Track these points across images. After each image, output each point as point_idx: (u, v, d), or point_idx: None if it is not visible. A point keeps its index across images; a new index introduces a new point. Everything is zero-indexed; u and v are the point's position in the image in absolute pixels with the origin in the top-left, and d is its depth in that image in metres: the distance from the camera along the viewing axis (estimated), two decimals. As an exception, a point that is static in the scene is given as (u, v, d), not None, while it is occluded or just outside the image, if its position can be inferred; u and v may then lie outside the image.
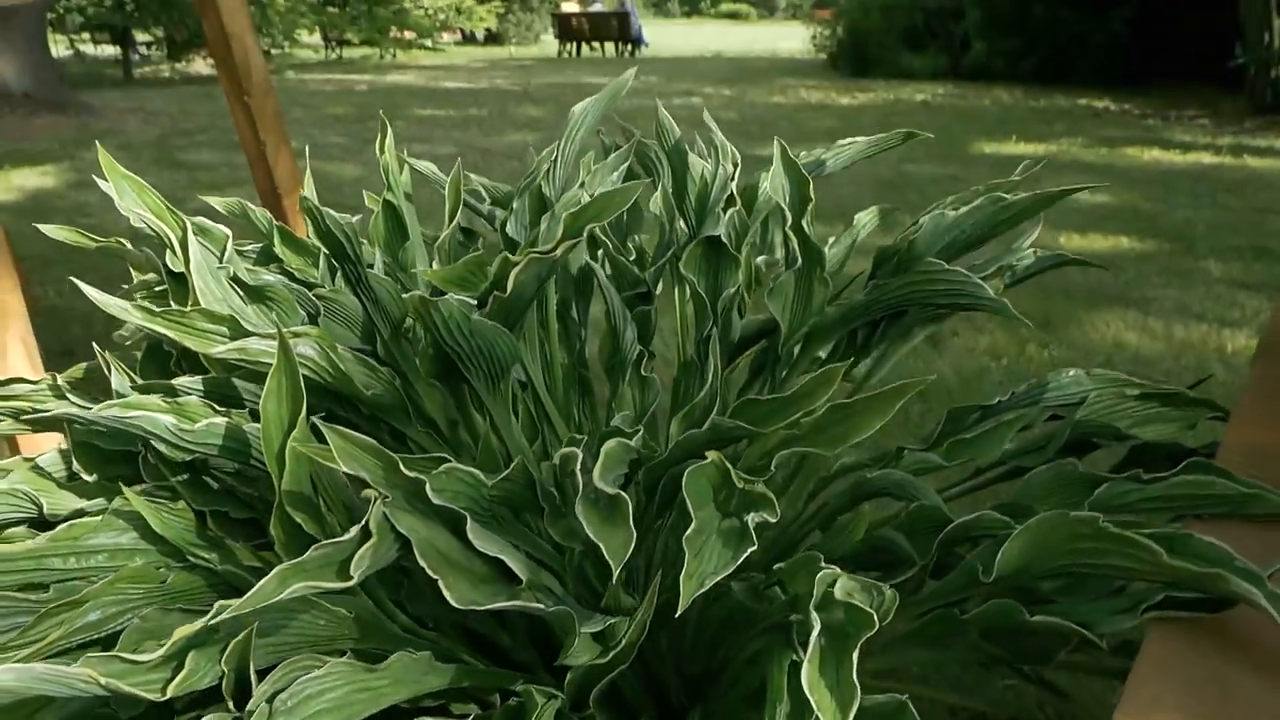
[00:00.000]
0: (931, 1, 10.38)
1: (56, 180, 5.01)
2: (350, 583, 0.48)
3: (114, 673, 0.50)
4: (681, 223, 0.91)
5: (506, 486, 0.59)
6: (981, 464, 0.81)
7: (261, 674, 0.53)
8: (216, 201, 0.93)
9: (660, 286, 1.03)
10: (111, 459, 0.75)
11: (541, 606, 0.54)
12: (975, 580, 0.65)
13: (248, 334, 0.65)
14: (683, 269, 0.83)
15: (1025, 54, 9.41)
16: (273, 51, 12.55)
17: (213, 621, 0.47)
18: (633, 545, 0.50)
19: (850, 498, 0.82)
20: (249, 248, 0.92)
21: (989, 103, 8.25)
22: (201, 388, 0.70)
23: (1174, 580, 0.56)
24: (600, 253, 0.99)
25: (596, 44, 15.89)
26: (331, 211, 0.67)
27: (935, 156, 5.51)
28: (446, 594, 0.53)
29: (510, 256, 0.64)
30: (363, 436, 0.52)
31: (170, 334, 0.64)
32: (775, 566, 0.58)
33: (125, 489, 0.65)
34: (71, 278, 0.66)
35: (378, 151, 0.91)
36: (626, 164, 1.05)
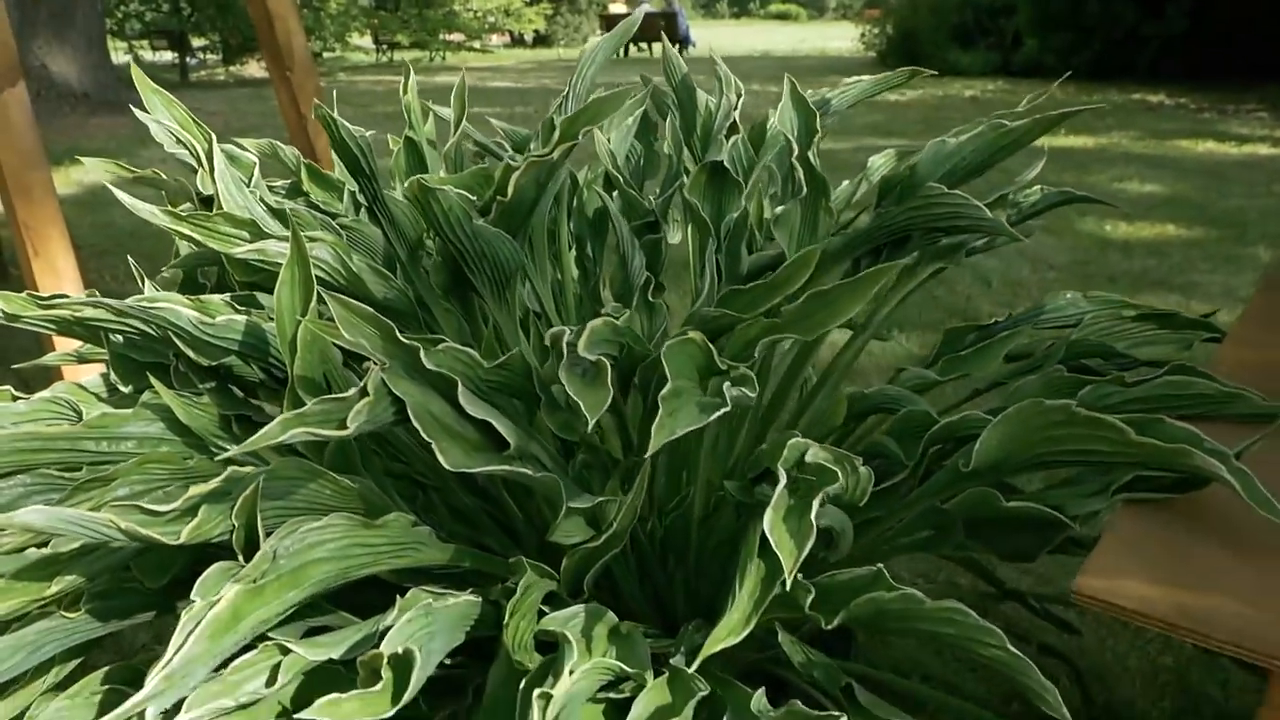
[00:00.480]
0: (983, -1, 10.29)
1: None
2: (347, 432, 0.52)
3: (135, 521, 0.54)
4: (689, 155, 0.94)
5: (504, 373, 0.62)
6: (979, 382, 0.83)
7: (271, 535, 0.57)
8: (248, 142, 0.98)
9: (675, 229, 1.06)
10: (146, 370, 0.80)
11: (529, 472, 0.57)
12: (959, 476, 0.67)
13: (268, 238, 0.70)
14: (687, 194, 0.86)
15: (1078, 50, 9.27)
16: (324, 54, 12.79)
17: (222, 459, 0.51)
18: (608, 402, 0.53)
19: (847, 416, 0.84)
20: (279, 184, 0.97)
21: (1041, 97, 8.13)
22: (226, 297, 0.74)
23: (1143, 460, 0.58)
24: (615, 193, 1.02)
25: (644, 45, 15.95)
26: (349, 125, 0.71)
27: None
28: (440, 458, 0.57)
29: (511, 164, 0.67)
30: (364, 306, 0.56)
31: (196, 236, 0.69)
32: (756, 450, 0.61)
33: (155, 380, 0.69)
34: (122, 196, 0.70)
35: (401, 94, 0.95)
36: (642, 109, 1.08)
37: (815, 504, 0.50)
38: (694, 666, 0.55)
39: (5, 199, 1.59)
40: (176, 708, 0.54)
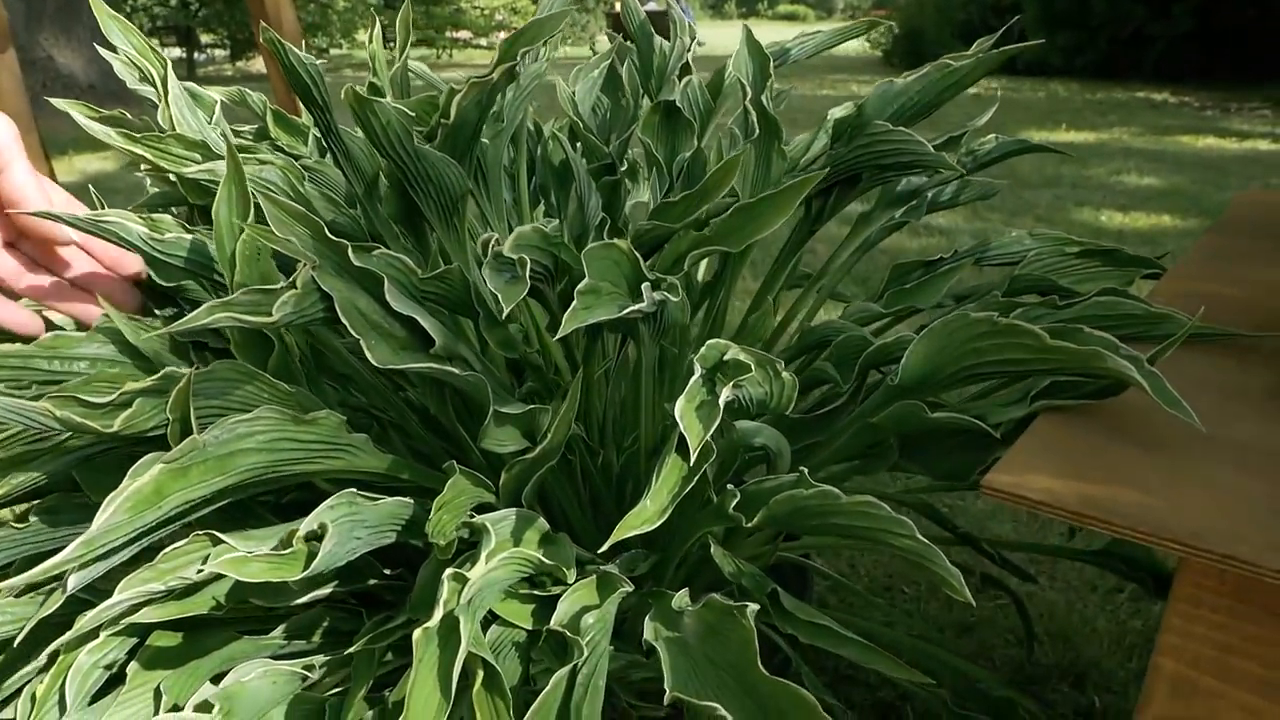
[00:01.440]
0: (988, -4, 10.29)
1: (115, 163, 5.23)
2: (271, 319, 0.53)
3: (72, 411, 0.56)
4: (646, 100, 0.95)
5: (441, 285, 0.64)
6: (924, 317, 0.84)
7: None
8: (217, 91, 1.00)
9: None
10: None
11: (455, 371, 0.58)
12: (889, 393, 0.68)
13: (218, 159, 0.71)
14: (640, 134, 0.87)
15: (1083, 49, 9.27)
16: (331, 51, 12.85)
17: (148, 336, 0.53)
18: (524, 293, 0.54)
19: (795, 351, 0.85)
20: (245, 129, 0.99)
21: (1043, 95, 8.15)
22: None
23: (1059, 366, 0.59)
24: (578, 144, 1.03)
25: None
26: (300, 52, 0.72)
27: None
28: (368, 355, 0.58)
29: (454, 88, 0.69)
30: (296, 205, 0.57)
31: (148, 155, 0.70)
32: (688, 359, 0.62)
33: (105, 304, 0.71)
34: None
35: (366, 42, 0.97)
36: (608, 62, 1.10)
37: (725, 390, 0.52)
38: (618, 568, 0.56)
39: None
40: (101, 594, 0.55)
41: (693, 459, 0.49)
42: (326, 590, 0.67)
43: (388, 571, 0.71)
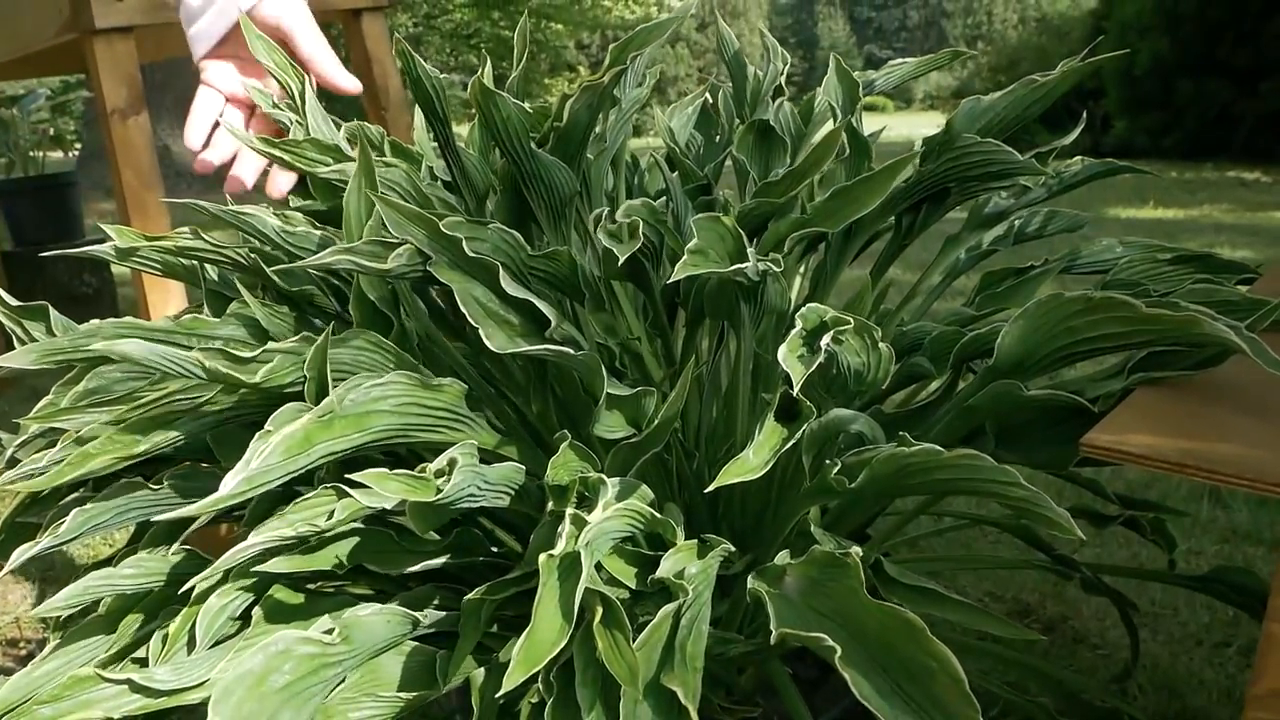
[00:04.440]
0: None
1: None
2: (386, 266, 0.58)
3: (219, 363, 0.61)
4: (740, 126, 1.00)
5: (550, 263, 0.68)
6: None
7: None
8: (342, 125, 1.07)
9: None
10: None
11: (570, 351, 0.62)
12: (984, 377, 0.70)
13: (350, 160, 0.78)
14: (735, 151, 0.91)
15: (1170, 130, 9.17)
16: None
17: (276, 321, 0.58)
18: (637, 247, 0.58)
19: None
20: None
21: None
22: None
23: (1156, 336, 0.60)
24: (675, 173, 1.08)
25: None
26: (427, 65, 0.78)
27: (1064, 218, 5.41)
28: (487, 342, 0.62)
29: (567, 93, 0.74)
30: (410, 206, 0.62)
31: (286, 158, 0.77)
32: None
33: (243, 289, 0.77)
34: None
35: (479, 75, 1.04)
36: (701, 100, 1.15)
37: (825, 338, 0.54)
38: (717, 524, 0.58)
39: (122, 215, 1.74)
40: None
41: (796, 388, 0.51)
42: (439, 561, 0.70)
43: (495, 549, 0.74)
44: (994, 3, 47.58)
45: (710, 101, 1.12)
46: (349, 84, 0.93)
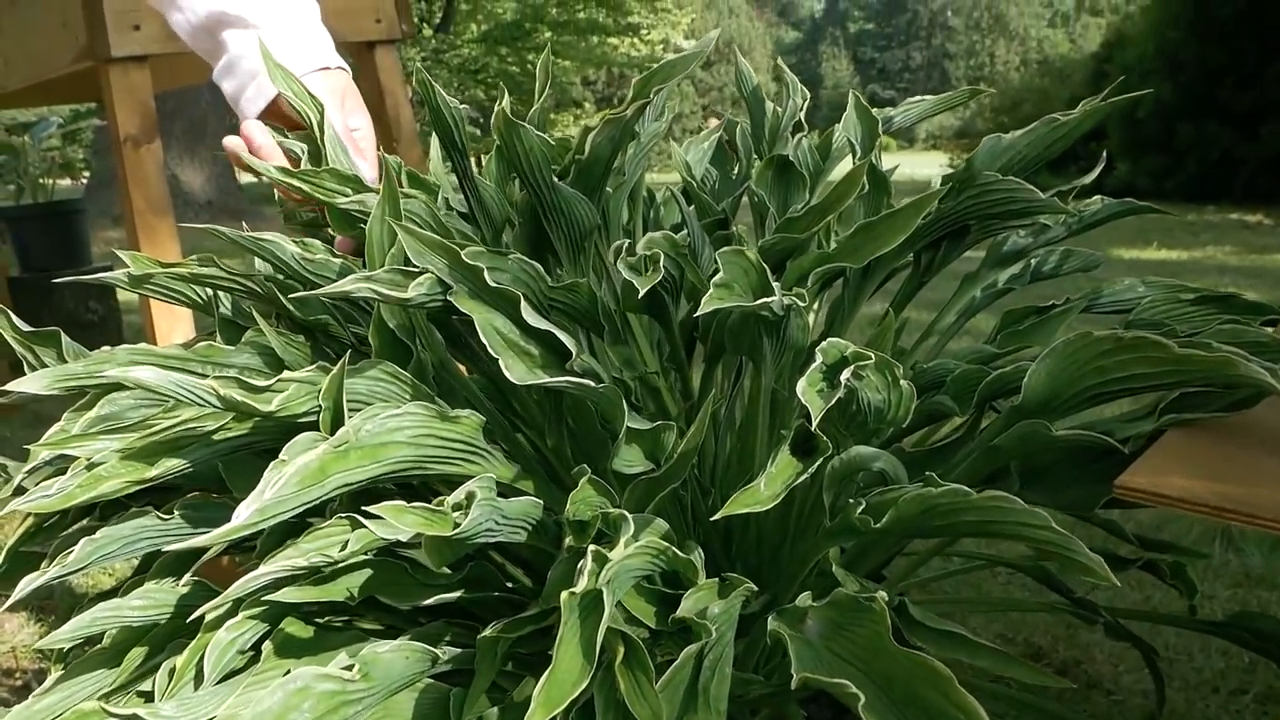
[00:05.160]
0: (1071, 123, 10.35)
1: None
2: (406, 296, 0.57)
3: (234, 391, 0.60)
4: (758, 161, 1.00)
5: (569, 295, 0.67)
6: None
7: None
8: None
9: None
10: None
11: (590, 384, 0.61)
12: (1010, 417, 0.69)
13: (369, 190, 0.77)
14: (753, 185, 0.91)
15: (1172, 172, 9.22)
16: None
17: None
18: (657, 280, 0.57)
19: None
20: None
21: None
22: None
23: (1187, 376, 0.59)
24: (691, 207, 1.08)
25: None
26: (446, 96, 0.78)
27: (1068, 259, 5.43)
28: (507, 373, 0.61)
29: (588, 125, 0.74)
30: (432, 235, 0.62)
31: (305, 188, 0.76)
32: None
33: (258, 316, 0.76)
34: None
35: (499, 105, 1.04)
36: (717, 135, 1.15)
37: (846, 373, 0.53)
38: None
39: (133, 242, 1.74)
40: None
41: (815, 423, 0.50)
42: (453, 596, 0.69)
43: (510, 585, 0.73)
44: (996, 45, 48.16)
45: (726, 138, 1.12)
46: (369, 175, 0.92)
